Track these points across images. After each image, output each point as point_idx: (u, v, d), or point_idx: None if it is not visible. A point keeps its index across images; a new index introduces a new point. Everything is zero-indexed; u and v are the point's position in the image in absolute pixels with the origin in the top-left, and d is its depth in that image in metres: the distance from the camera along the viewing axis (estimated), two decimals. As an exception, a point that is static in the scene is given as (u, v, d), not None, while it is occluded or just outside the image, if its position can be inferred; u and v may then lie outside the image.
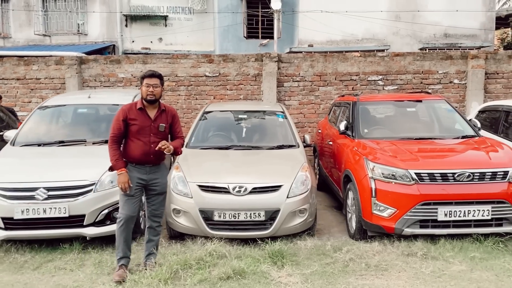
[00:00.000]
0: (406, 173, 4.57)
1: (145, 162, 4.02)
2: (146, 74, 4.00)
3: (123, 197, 4.00)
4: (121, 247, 4.02)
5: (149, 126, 3.99)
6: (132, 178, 3.98)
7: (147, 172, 4.04)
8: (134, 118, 3.97)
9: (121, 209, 4.02)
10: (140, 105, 4.01)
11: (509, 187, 4.51)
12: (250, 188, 4.76)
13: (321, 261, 4.30)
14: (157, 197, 4.17)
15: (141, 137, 3.97)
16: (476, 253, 4.25)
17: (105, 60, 9.47)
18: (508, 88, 9.15)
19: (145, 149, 3.98)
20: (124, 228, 4.00)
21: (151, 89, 3.95)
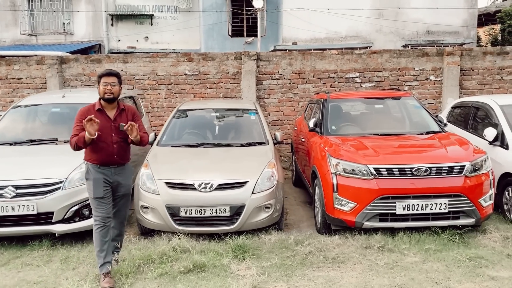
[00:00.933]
0: (365, 168, 4.70)
1: (109, 163, 3.98)
2: (104, 73, 3.96)
3: (94, 201, 3.93)
4: (104, 252, 3.89)
5: (110, 126, 3.96)
6: (99, 179, 3.92)
7: (112, 173, 3.99)
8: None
9: (95, 212, 3.95)
10: (99, 106, 3.97)
11: (466, 181, 4.65)
12: (215, 184, 4.87)
13: (282, 254, 4.43)
14: (121, 199, 4.13)
15: (103, 138, 3.90)
16: (432, 245, 4.38)
17: (85, 60, 9.54)
18: (483, 84, 9.30)
19: (108, 150, 3.94)
20: (101, 231, 3.91)
21: (109, 88, 3.92)
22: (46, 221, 4.75)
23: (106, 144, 3.93)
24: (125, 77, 9.45)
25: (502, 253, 4.29)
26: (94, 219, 3.96)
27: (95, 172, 3.95)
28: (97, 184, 3.92)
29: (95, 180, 3.93)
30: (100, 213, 3.93)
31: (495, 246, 4.48)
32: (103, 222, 3.92)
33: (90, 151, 3.95)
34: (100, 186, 3.92)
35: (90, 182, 3.95)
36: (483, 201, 4.73)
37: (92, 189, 3.93)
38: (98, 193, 3.92)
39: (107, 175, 3.97)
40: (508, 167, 5.61)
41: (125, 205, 4.23)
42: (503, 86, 9.29)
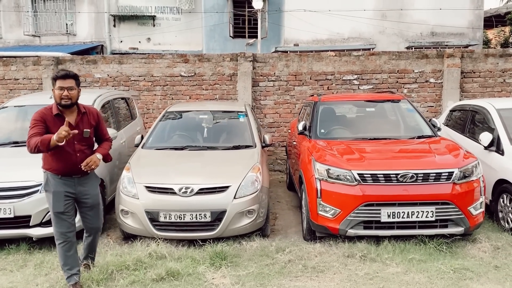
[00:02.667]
0: (349, 174, 4.54)
1: (72, 173, 3.60)
2: (59, 75, 3.49)
3: (54, 216, 3.59)
4: (69, 266, 3.68)
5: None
6: (59, 192, 3.57)
7: (75, 184, 3.62)
8: (52, 126, 3.48)
9: (55, 227, 3.62)
10: (57, 111, 3.53)
11: (454, 188, 4.46)
12: (196, 189, 4.75)
13: (261, 262, 4.28)
14: (90, 210, 3.80)
15: (64, 146, 3.43)
16: (416, 255, 4.21)
17: (81, 61, 9.50)
18: (485, 87, 9.06)
19: (70, 159, 3.55)
20: (64, 246, 3.64)
21: (65, 93, 3.47)
22: (23, 225, 4.67)
23: (68, 153, 3.54)
24: (120, 78, 9.41)
25: (490, 264, 4.09)
26: (55, 234, 3.65)
27: (55, 184, 3.58)
28: (58, 198, 3.57)
29: (55, 193, 3.58)
30: (60, 229, 3.61)
31: (483, 256, 4.28)
32: (64, 238, 3.63)
33: (51, 160, 3.57)
34: (60, 200, 3.57)
35: (50, 195, 3.59)
36: (473, 209, 4.53)
37: (51, 202, 3.58)
38: (58, 207, 3.57)
39: (69, 187, 3.62)
40: (503, 174, 5.40)
41: (96, 216, 3.89)
42: (506, 89, 9.04)
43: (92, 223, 3.89)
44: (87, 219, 3.86)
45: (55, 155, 3.53)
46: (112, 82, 9.42)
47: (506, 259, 4.20)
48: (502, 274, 3.89)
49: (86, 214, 3.83)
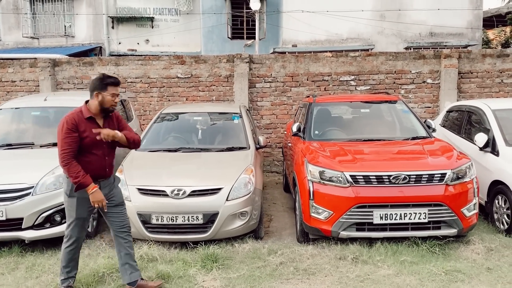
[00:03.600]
0: (341, 176, 4.52)
1: (99, 177, 3.56)
2: (113, 82, 3.50)
3: (75, 221, 3.57)
4: (69, 268, 3.69)
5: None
6: (85, 199, 3.49)
7: (100, 187, 3.54)
8: (84, 130, 3.44)
9: (72, 232, 3.59)
10: (89, 114, 3.49)
11: (447, 190, 4.43)
12: (188, 191, 4.74)
13: (252, 264, 4.26)
14: (118, 208, 3.72)
15: (95, 150, 3.48)
16: (408, 257, 4.18)
17: (78, 63, 9.50)
18: (483, 88, 9.02)
19: (101, 164, 3.54)
20: (72, 250, 3.65)
21: (116, 99, 3.52)
22: (15, 227, 4.66)
23: (97, 157, 3.52)
24: (117, 80, 9.38)
25: (483, 266, 4.07)
26: (68, 238, 3.61)
27: (80, 192, 3.47)
28: (83, 203, 3.52)
29: (80, 199, 3.50)
30: (77, 234, 3.61)
31: (476, 258, 4.26)
32: (77, 243, 3.65)
33: (81, 165, 3.45)
34: (85, 206, 3.54)
35: (74, 200, 3.52)
36: (466, 210, 4.51)
37: (75, 208, 3.53)
38: (82, 213, 3.56)
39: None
40: (498, 175, 5.37)
41: (125, 213, 3.78)
42: (504, 89, 9.00)
43: (123, 221, 3.74)
44: (118, 217, 3.71)
45: (84, 160, 3.46)
46: (109, 83, 9.41)
47: (499, 261, 4.17)
48: (494, 276, 3.87)
49: (115, 213, 3.71)
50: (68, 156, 3.37)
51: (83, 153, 3.45)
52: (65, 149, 3.37)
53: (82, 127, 3.43)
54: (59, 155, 3.40)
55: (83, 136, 3.43)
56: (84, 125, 3.44)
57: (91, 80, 3.60)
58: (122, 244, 3.73)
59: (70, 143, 3.38)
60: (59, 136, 3.42)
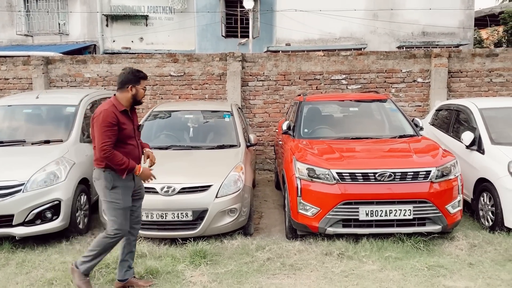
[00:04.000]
0: (328, 173, 4.60)
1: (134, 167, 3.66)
2: (145, 76, 3.71)
3: (122, 211, 3.57)
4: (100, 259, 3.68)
5: (133, 128, 3.70)
6: (126, 187, 3.61)
7: (132, 178, 3.67)
8: (123, 122, 3.57)
9: (119, 225, 3.56)
10: (123, 107, 3.60)
11: (432, 187, 4.52)
12: (178, 188, 4.80)
13: (240, 260, 4.33)
14: (139, 202, 3.86)
15: (130, 141, 3.64)
16: (393, 253, 4.27)
17: (71, 60, 9.52)
18: (472, 87, 9.13)
19: (136, 153, 3.70)
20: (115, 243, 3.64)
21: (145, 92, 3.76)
22: (6, 224, 4.71)
23: (133, 147, 3.69)
24: (110, 78, 9.44)
25: (465, 261, 4.16)
26: (115, 230, 3.56)
27: (122, 180, 3.57)
28: (127, 192, 3.62)
29: (125, 188, 3.59)
30: (125, 226, 3.62)
31: (460, 254, 4.35)
32: (123, 232, 3.64)
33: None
34: (129, 195, 3.64)
35: (119, 190, 3.57)
36: (450, 207, 4.60)
37: (121, 198, 3.57)
38: (127, 201, 3.62)
39: (131, 181, 3.68)
40: (483, 172, 5.47)
41: (141, 208, 3.95)
42: (492, 88, 9.11)
43: (139, 216, 3.88)
44: (137, 211, 3.84)
45: (124, 151, 3.58)
46: (102, 81, 9.46)
47: (481, 257, 4.26)
48: (475, 271, 3.96)
49: (136, 207, 3.82)
50: (109, 147, 3.47)
51: (121, 144, 3.58)
52: (106, 141, 3.45)
53: (121, 119, 3.56)
54: (98, 148, 3.47)
55: (122, 127, 3.55)
56: (121, 117, 3.57)
57: (121, 73, 3.70)
58: (130, 241, 3.82)
59: (110, 136, 3.48)
60: (98, 130, 3.48)
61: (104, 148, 3.45)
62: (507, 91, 9.10)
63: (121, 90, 3.63)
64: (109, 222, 3.62)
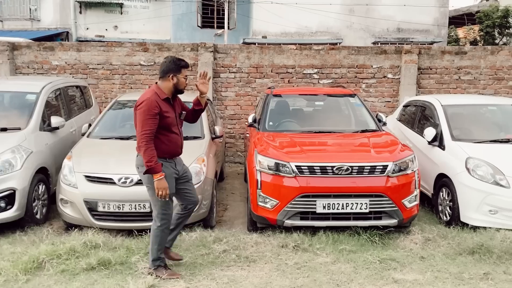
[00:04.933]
0: (287, 166, 4.60)
1: (176, 154, 3.83)
2: (187, 65, 3.75)
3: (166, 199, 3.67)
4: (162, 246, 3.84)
5: (175, 116, 3.79)
6: (171, 174, 3.71)
7: (176, 164, 3.81)
8: (166, 110, 3.65)
9: (163, 211, 3.69)
10: (165, 95, 3.67)
11: (388, 181, 4.57)
12: (136, 179, 4.73)
13: (196, 252, 4.31)
14: (189, 184, 3.96)
15: (174, 128, 3.74)
16: (347, 246, 4.31)
17: (38, 47, 9.27)
18: (441, 84, 9.27)
19: (179, 141, 3.81)
20: (166, 229, 3.80)
21: (187, 81, 3.81)
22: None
23: (176, 135, 3.78)
24: (79, 66, 9.23)
25: (417, 255, 4.23)
26: (162, 218, 3.71)
27: (165, 167, 3.66)
28: (171, 179, 3.70)
29: (168, 175, 3.66)
30: (168, 211, 3.73)
31: (413, 247, 4.42)
32: (169, 219, 3.78)
33: (163, 145, 3.67)
34: (172, 182, 3.72)
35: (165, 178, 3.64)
36: (407, 202, 4.66)
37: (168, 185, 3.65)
38: (171, 188, 3.70)
39: (173, 168, 3.78)
40: (443, 168, 5.57)
41: (195, 189, 4.06)
42: (461, 86, 9.27)
43: (194, 195, 3.99)
44: (189, 193, 3.93)
45: (168, 138, 3.69)
46: (70, 69, 9.24)
47: (433, 250, 4.34)
48: (425, 264, 4.03)
49: (187, 188, 3.92)
50: (148, 137, 3.53)
51: (165, 132, 3.65)
52: (146, 130, 3.52)
53: (163, 107, 3.62)
54: (138, 136, 3.56)
55: (166, 115, 3.63)
56: (164, 105, 3.63)
57: (163, 62, 3.75)
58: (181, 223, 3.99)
59: (151, 125, 3.53)
60: (140, 118, 3.55)
61: (144, 137, 3.53)
62: (475, 88, 9.27)
63: (163, 79, 3.69)
64: (154, 208, 3.76)
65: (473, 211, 4.96)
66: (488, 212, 4.89)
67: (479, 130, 5.95)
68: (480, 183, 4.96)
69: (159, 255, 3.82)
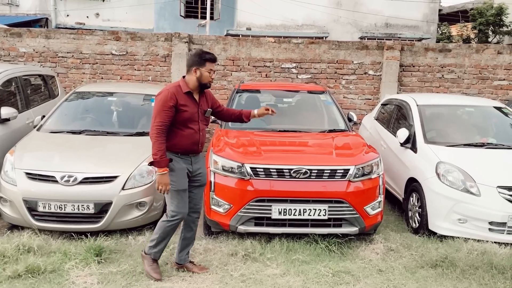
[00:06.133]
0: (242, 167, 4.27)
1: (191, 151, 3.61)
2: (212, 58, 3.55)
3: (176, 193, 3.52)
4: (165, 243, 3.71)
5: (197, 112, 3.58)
6: (181, 169, 3.54)
7: (191, 162, 3.62)
8: (184, 104, 3.49)
9: (176, 207, 3.55)
10: (188, 89, 3.53)
11: (349, 186, 4.26)
12: (80, 178, 4.40)
13: (139, 259, 3.97)
14: (199, 190, 3.76)
15: (191, 124, 3.54)
16: (301, 256, 3.99)
17: (5, 33, 8.84)
18: (423, 82, 8.96)
19: (195, 138, 3.58)
20: (175, 226, 3.62)
21: (213, 75, 3.60)
22: None
23: (193, 131, 3.56)
24: (47, 54, 8.84)
25: (376, 267, 3.93)
26: (172, 213, 3.56)
27: (177, 162, 3.52)
28: (182, 175, 3.54)
29: (179, 170, 3.52)
30: (182, 208, 3.56)
31: (373, 258, 4.12)
32: (181, 216, 3.59)
33: (176, 138, 3.51)
34: (184, 177, 3.56)
35: (174, 173, 3.50)
36: (369, 208, 4.35)
37: (176, 180, 3.50)
38: (183, 184, 3.54)
39: (188, 164, 3.60)
40: (413, 172, 5.27)
41: (202, 196, 3.87)
42: (444, 84, 8.98)
43: (198, 203, 3.79)
44: (195, 199, 3.75)
45: (182, 133, 3.53)
46: (39, 57, 8.84)
47: (394, 262, 4.04)
48: (383, 278, 3.73)
49: (194, 193, 3.73)
50: (160, 129, 3.42)
51: (180, 126, 3.52)
52: (158, 122, 3.42)
53: (182, 101, 3.49)
54: (151, 126, 3.46)
55: (184, 109, 3.49)
56: (183, 99, 3.50)
57: (189, 55, 3.69)
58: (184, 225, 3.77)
59: (164, 117, 3.42)
60: (155, 109, 3.47)
61: (155, 128, 3.42)
62: (458, 88, 8.99)
63: (188, 73, 3.58)
64: (167, 204, 3.63)
65: (442, 219, 4.67)
66: (457, 220, 4.60)
67: (454, 132, 5.65)
68: (450, 189, 4.67)
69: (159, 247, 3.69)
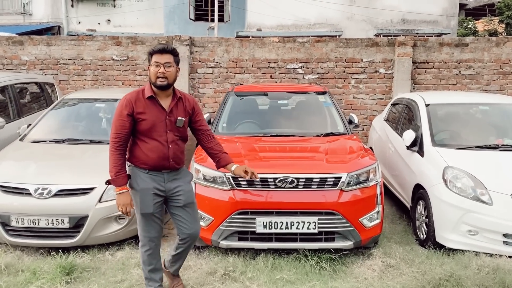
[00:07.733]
0: (223, 177, 3.92)
1: (161, 167, 3.06)
2: (155, 49, 2.98)
3: (142, 218, 3.07)
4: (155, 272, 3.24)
5: (164, 120, 3.02)
6: (146, 189, 3.03)
7: (164, 180, 3.08)
8: (142, 111, 2.98)
9: (143, 232, 3.11)
10: (150, 93, 3.00)
11: (341, 196, 3.84)
12: (54, 190, 4.14)
13: (112, 278, 3.69)
14: (183, 211, 3.16)
15: (155, 135, 3.01)
16: (286, 275, 3.61)
17: (6, 41, 8.80)
18: (439, 79, 8.40)
19: (161, 152, 3.02)
20: (152, 253, 3.17)
21: (162, 70, 2.95)
22: None
23: (159, 144, 3.02)
24: (49, 61, 8.74)
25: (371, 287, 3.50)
26: (141, 240, 3.16)
27: (142, 180, 3.03)
28: (146, 196, 3.03)
29: (143, 190, 3.03)
30: (147, 233, 3.11)
31: (369, 276, 3.69)
32: (151, 244, 3.14)
33: (138, 151, 3.03)
34: (149, 199, 3.03)
35: (136, 193, 3.05)
36: (366, 220, 3.92)
37: (139, 202, 3.04)
38: (146, 207, 3.03)
39: (158, 183, 3.07)
40: (420, 178, 4.80)
41: (193, 218, 3.22)
42: (461, 81, 8.39)
43: (188, 227, 3.19)
44: (181, 222, 3.18)
45: (143, 146, 3.02)
46: (41, 65, 8.75)
47: (392, 281, 3.60)
48: (375, 301, 3.31)
49: (179, 215, 3.18)
50: (115, 142, 2.98)
51: (142, 137, 3.03)
52: (113, 133, 2.99)
53: (139, 108, 2.98)
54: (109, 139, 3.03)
55: (141, 117, 2.98)
56: (143, 106, 2.99)
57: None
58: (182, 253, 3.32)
59: (118, 127, 2.98)
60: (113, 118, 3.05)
61: (111, 141, 2.99)
62: (477, 84, 8.38)
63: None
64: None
65: (450, 231, 4.19)
66: (466, 232, 4.11)
67: (466, 133, 5.14)
68: (459, 197, 4.18)
69: (151, 276, 3.24)
